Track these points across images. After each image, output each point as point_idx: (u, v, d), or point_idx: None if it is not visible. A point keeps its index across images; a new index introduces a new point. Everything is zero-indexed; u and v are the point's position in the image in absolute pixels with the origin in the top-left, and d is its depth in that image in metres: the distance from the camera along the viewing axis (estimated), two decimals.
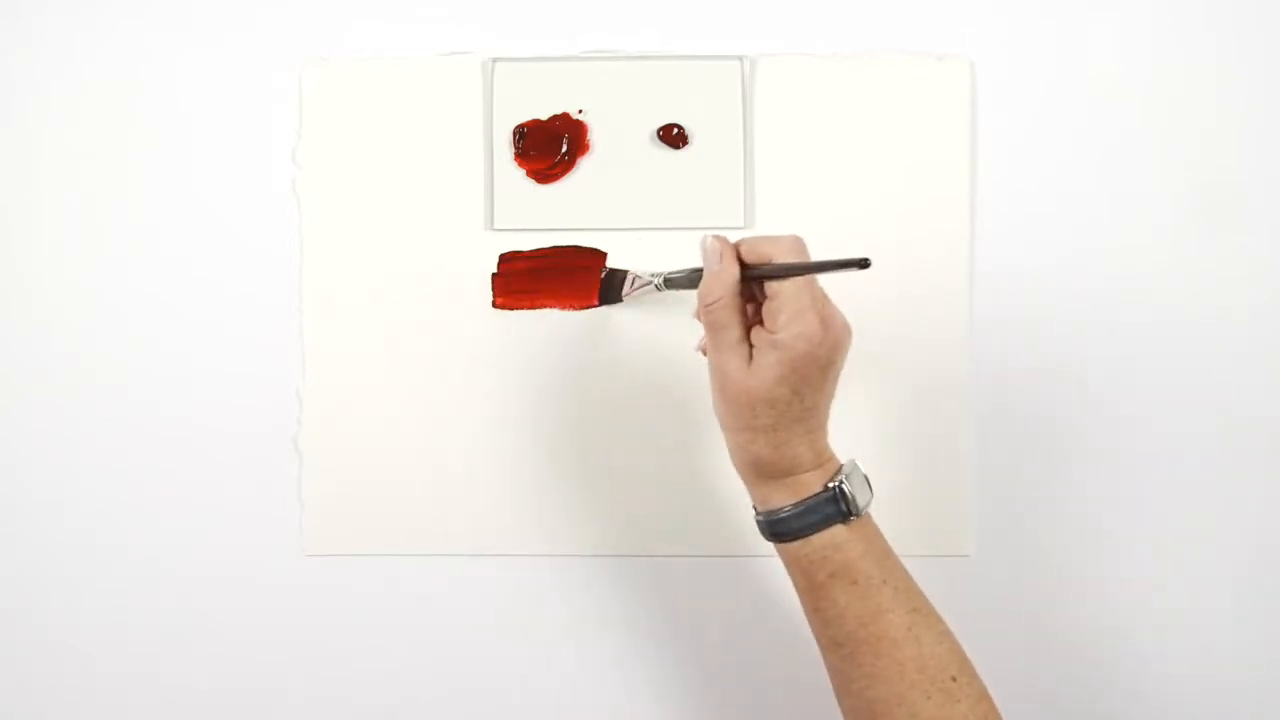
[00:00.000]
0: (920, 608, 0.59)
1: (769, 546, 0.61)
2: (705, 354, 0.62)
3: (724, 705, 0.74)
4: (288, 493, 0.75)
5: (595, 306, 0.74)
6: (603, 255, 0.74)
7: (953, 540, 0.74)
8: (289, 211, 0.75)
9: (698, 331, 0.63)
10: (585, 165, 0.74)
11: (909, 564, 0.65)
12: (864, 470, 0.61)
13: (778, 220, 0.74)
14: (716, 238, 0.60)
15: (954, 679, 0.58)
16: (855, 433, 0.74)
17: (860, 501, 0.60)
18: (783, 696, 0.74)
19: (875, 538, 0.60)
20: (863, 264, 0.56)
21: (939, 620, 0.60)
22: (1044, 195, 0.74)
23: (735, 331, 0.59)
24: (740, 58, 0.74)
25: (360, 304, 0.75)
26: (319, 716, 0.75)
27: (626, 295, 0.73)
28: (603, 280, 0.74)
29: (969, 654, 0.60)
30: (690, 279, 0.68)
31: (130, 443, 0.75)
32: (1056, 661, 0.74)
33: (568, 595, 0.75)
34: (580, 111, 0.74)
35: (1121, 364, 0.74)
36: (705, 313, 0.60)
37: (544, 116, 0.74)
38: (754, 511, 0.62)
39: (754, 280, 0.60)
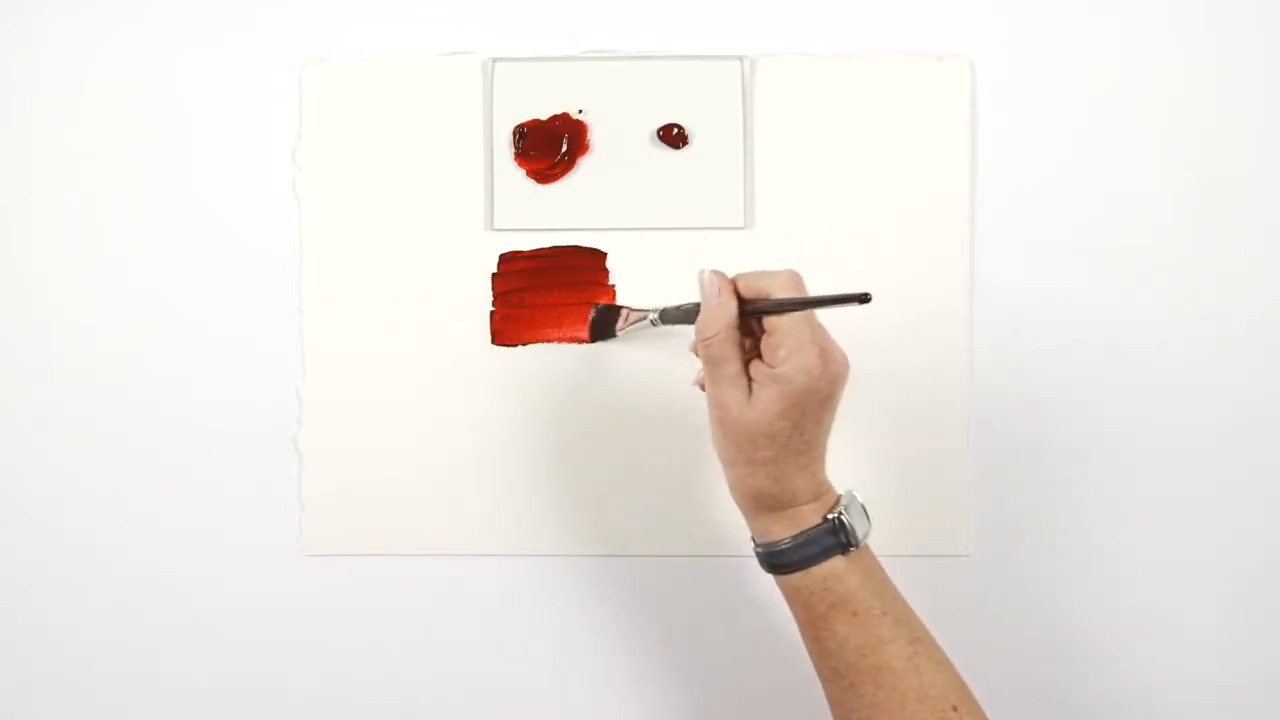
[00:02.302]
0: (921, 638, 0.60)
1: None
2: (702, 388, 0.62)
3: (727, 704, 0.74)
4: (288, 493, 0.75)
5: (587, 343, 0.74)
6: (603, 255, 0.74)
7: (953, 540, 0.74)
8: (289, 211, 0.75)
9: (694, 366, 0.63)
10: (585, 165, 0.74)
11: (909, 564, 0.66)
12: (861, 500, 0.61)
13: (778, 220, 0.74)
14: (715, 273, 0.60)
15: (955, 709, 0.58)
16: (854, 433, 0.74)
17: (859, 532, 0.60)
18: (787, 696, 0.74)
19: (874, 568, 0.61)
20: (863, 299, 0.55)
21: (939, 650, 0.60)
22: (1044, 195, 0.74)
23: (734, 365, 0.59)
24: (740, 58, 0.74)
25: (360, 304, 0.75)
26: (319, 716, 0.75)
27: (621, 331, 0.73)
28: (595, 316, 0.74)
29: (967, 653, 0.60)
30: (685, 314, 0.67)
31: (130, 443, 0.75)
32: (1055, 661, 0.74)
33: (568, 595, 0.75)
34: (580, 111, 0.74)
35: (1121, 364, 0.74)
36: (703, 347, 0.60)
37: (544, 116, 0.74)
38: (753, 544, 0.62)
39: (752, 315, 0.60)
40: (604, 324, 0.73)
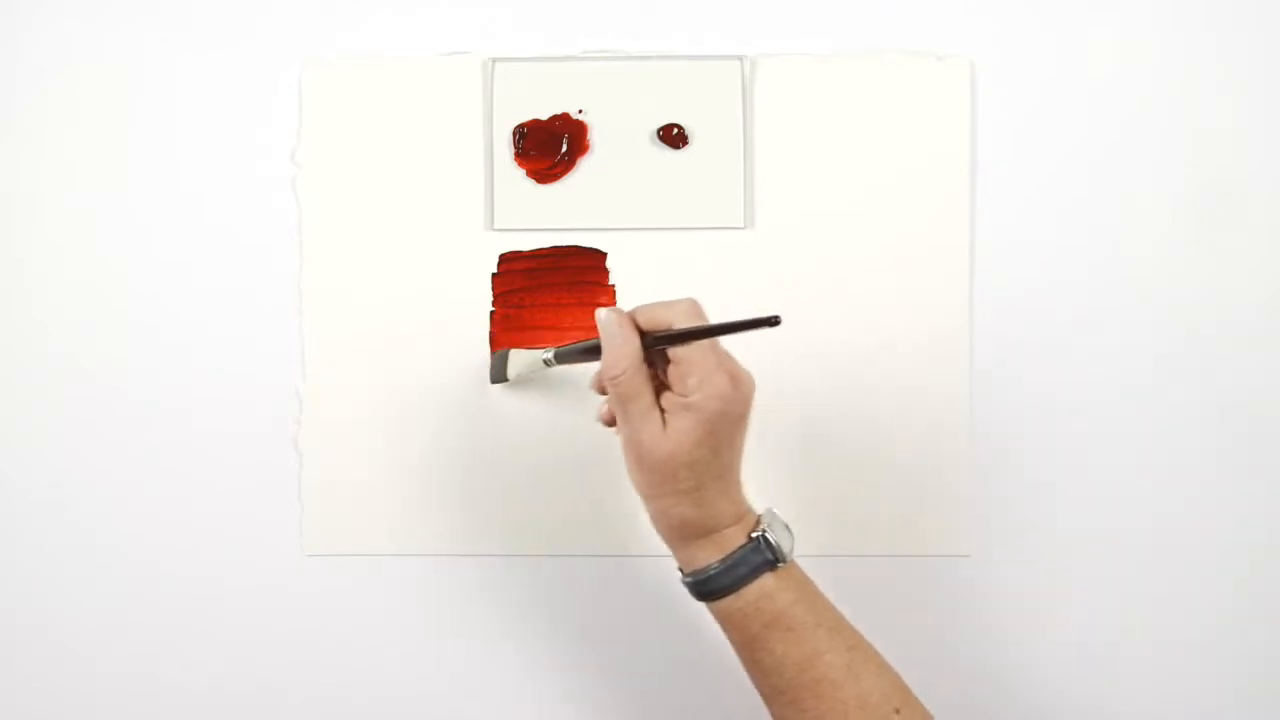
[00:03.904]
0: (856, 645, 0.60)
1: None
2: (607, 424, 0.63)
3: (728, 703, 0.74)
4: (288, 493, 0.75)
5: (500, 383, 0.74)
6: (603, 255, 0.74)
7: (953, 540, 0.74)
8: (289, 211, 0.75)
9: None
10: (585, 165, 0.74)
11: (909, 564, 0.65)
12: (783, 517, 0.61)
13: (778, 220, 0.74)
14: (612, 310, 0.60)
15: (897, 711, 0.59)
16: (854, 432, 0.74)
17: (785, 548, 0.60)
18: None
19: (804, 582, 0.61)
20: (772, 322, 0.55)
21: (876, 655, 0.60)
22: (1044, 195, 0.74)
23: (646, 399, 0.59)
24: (740, 58, 0.74)
25: (360, 304, 0.75)
26: (319, 716, 0.75)
27: (514, 375, 0.72)
28: (493, 361, 0.74)
29: (967, 654, 0.60)
30: (580, 353, 0.67)
31: (130, 442, 0.75)
32: (1056, 662, 0.74)
33: (569, 595, 0.75)
34: (580, 111, 0.74)
35: (1121, 363, 0.74)
36: (611, 386, 0.59)
37: (544, 116, 0.74)
38: (680, 574, 0.62)
39: (655, 347, 0.60)
40: (498, 366, 0.73)
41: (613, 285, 0.74)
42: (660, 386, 0.60)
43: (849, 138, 0.74)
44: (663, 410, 0.59)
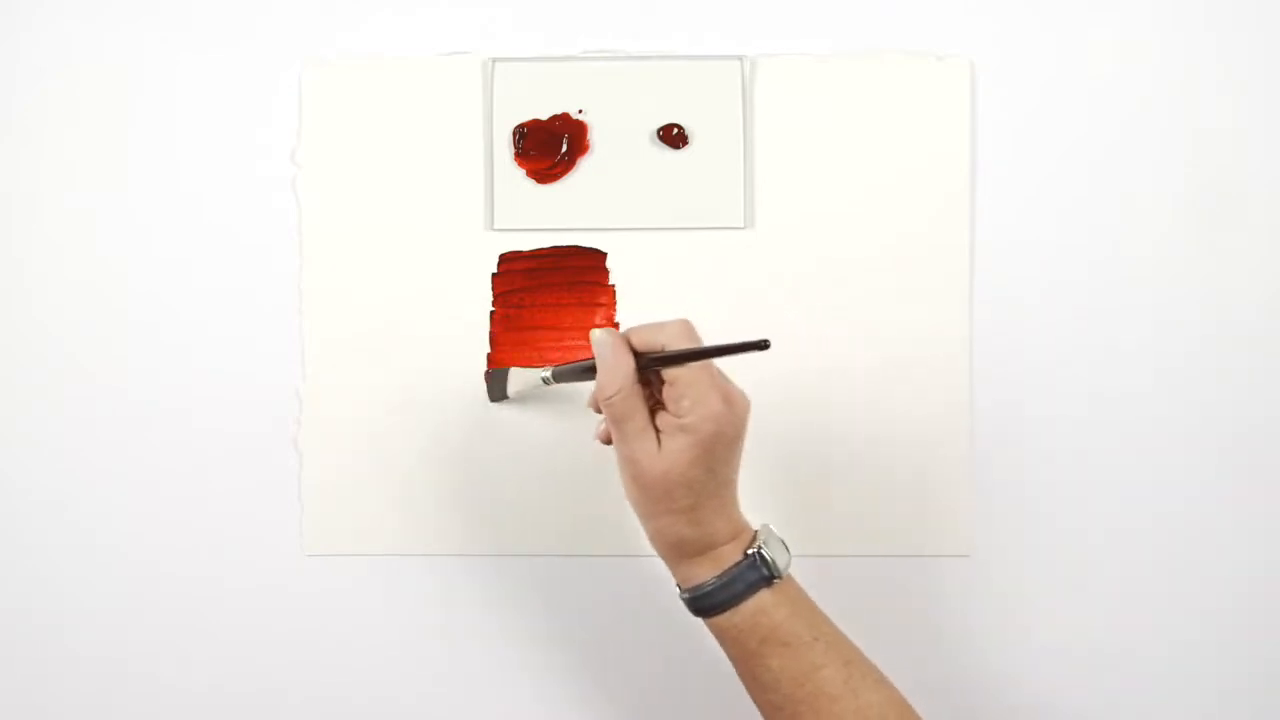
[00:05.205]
0: (853, 659, 0.60)
1: None
2: (605, 442, 0.62)
3: (729, 700, 0.74)
4: (288, 493, 0.75)
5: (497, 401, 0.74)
6: (603, 255, 0.74)
7: (953, 540, 0.74)
8: (289, 211, 0.75)
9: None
10: (585, 165, 0.74)
11: (909, 564, 0.65)
12: (779, 533, 0.61)
13: (778, 220, 0.74)
14: (606, 330, 0.61)
15: None
16: (854, 432, 0.74)
17: (780, 563, 0.60)
18: None
19: (800, 597, 0.61)
20: (761, 345, 0.56)
21: (874, 669, 0.61)
22: (1044, 195, 0.74)
23: (640, 420, 0.59)
24: (740, 58, 0.74)
25: (360, 304, 0.75)
26: (319, 716, 0.75)
27: (514, 394, 0.73)
28: (488, 378, 0.74)
29: (967, 654, 0.60)
30: (578, 372, 0.67)
31: (130, 442, 0.75)
32: (1056, 662, 0.74)
33: (568, 595, 0.75)
34: (580, 111, 0.74)
35: (1121, 363, 0.74)
36: (606, 406, 0.60)
37: (544, 116, 0.74)
38: (678, 590, 0.62)
39: (649, 368, 0.60)
40: (497, 385, 0.73)
41: (613, 285, 0.74)
42: (656, 406, 0.60)
43: (849, 138, 0.74)
44: (658, 430, 0.59)
